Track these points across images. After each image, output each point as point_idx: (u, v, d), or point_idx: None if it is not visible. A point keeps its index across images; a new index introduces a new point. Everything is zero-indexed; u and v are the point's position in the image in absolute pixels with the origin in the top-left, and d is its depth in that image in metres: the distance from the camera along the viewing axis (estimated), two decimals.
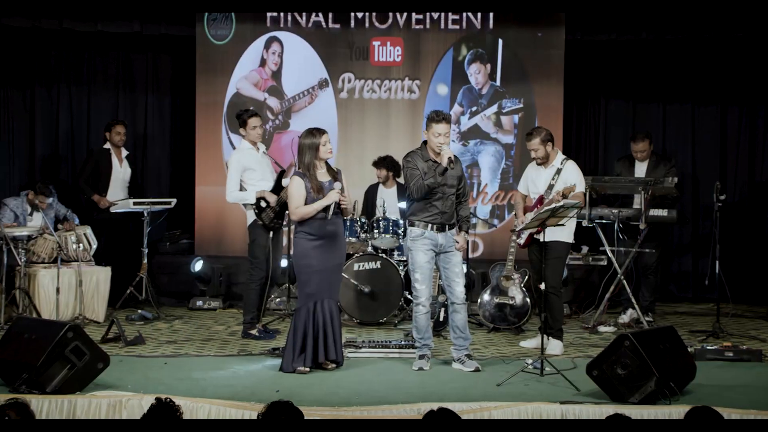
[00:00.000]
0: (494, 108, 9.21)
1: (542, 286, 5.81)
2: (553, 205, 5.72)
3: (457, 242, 5.91)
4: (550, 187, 6.36)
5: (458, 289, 5.87)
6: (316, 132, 5.63)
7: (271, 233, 6.87)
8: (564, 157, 6.50)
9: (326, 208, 5.55)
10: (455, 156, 5.93)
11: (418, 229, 5.82)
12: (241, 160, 6.88)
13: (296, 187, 5.60)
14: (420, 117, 9.09)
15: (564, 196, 6.01)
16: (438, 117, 5.73)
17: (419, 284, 5.81)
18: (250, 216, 6.93)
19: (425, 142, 5.86)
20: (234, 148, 9.25)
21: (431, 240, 5.82)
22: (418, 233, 5.83)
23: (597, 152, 9.36)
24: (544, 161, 6.45)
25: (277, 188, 6.88)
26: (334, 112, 9.22)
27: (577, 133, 9.45)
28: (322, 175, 5.67)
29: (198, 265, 8.60)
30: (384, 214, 7.86)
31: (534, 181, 6.55)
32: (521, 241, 6.56)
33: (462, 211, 5.98)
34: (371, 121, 9.26)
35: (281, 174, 6.96)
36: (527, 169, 6.70)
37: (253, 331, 6.78)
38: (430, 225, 5.80)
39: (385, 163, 8.33)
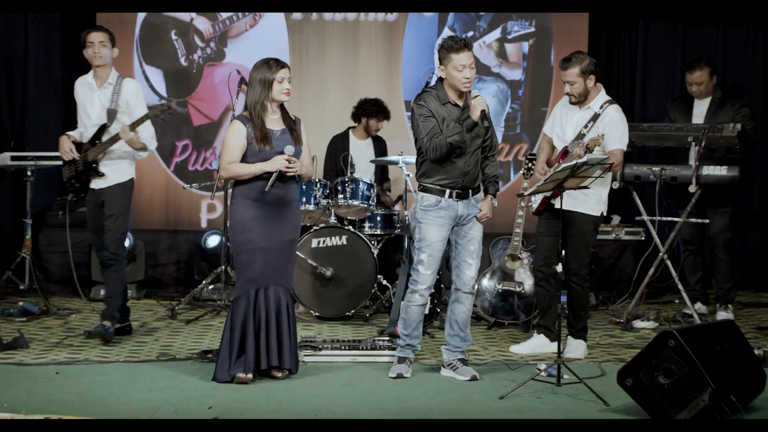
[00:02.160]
0: (497, 33, 9.23)
1: (559, 269, 5.83)
2: (572, 162, 5.70)
3: (481, 210, 5.90)
4: (580, 136, 6.33)
5: (468, 274, 5.88)
6: (273, 64, 5.58)
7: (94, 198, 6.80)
8: (607, 98, 6.42)
9: (269, 176, 5.52)
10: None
11: (432, 197, 5.79)
12: (77, 93, 6.91)
13: (232, 135, 5.55)
14: (398, 45, 9.06)
15: (588, 149, 5.99)
16: (457, 44, 5.66)
17: (424, 267, 5.81)
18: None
19: (441, 80, 5.82)
20: (150, 83, 9.21)
21: (449, 211, 5.80)
22: (431, 202, 5.79)
23: (633, 91, 9.55)
24: (581, 100, 6.42)
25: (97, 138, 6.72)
26: (285, 37, 9.20)
27: (607, 65, 9.55)
28: (273, 123, 5.64)
29: (213, 241, 8.67)
30: (353, 173, 7.97)
31: (563, 124, 6.52)
32: (533, 206, 6.59)
33: (489, 169, 5.95)
34: (334, 51, 9.28)
35: (139, 123, 6.70)
36: (557, 106, 6.66)
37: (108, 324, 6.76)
38: (448, 191, 5.78)
39: (382, 109, 8.39)
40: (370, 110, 8.37)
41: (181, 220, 9.48)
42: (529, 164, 7.21)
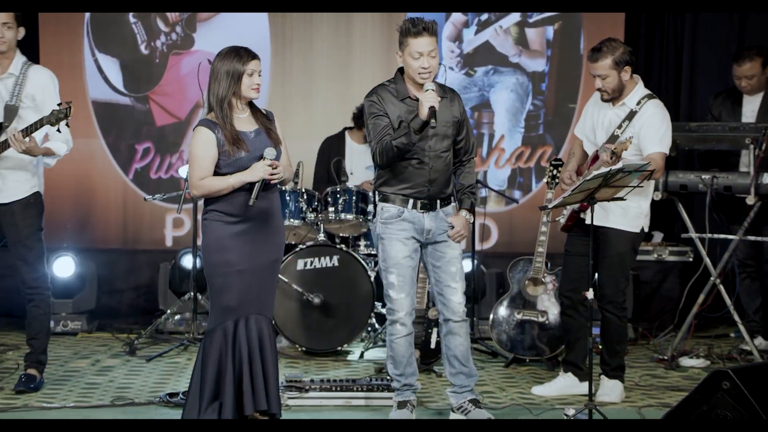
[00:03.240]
0: (515, 16, 9.27)
1: (590, 295, 5.81)
2: (603, 170, 5.68)
3: (452, 227, 5.91)
4: (613, 138, 6.30)
5: (454, 300, 5.88)
6: (243, 54, 5.54)
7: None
8: (646, 93, 6.39)
9: (250, 187, 5.46)
10: (450, 92, 5.89)
11: (392, 207, 5.83)
12: None
13: (200, 144, 5.47)
14: (393, 34, 9.03)
15: (615, 155, 5.94)
16: (415, 27, 5.66)
17: (395, 291, 5.82)
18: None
19: (401, 71, 5.85)
20: (104, 75, 9.20)
21: (412, 224, 5.83)
22: (392, 213, 5.83)
23: (678, 86, 9.52)
24: (615, 96, 6.42)
25: None
26: (265, 22, 9.18)
27: (647, 55, 9.56)
28: (244, 123, 5.60)
29: (188, 260, 8.54)
30: (345, 182, 7.96)
31: (594, 124, 6.53)
32: (561, 221, 6.59)
33: (463, 178, 6.00)
34: (323, 38, 9.27)
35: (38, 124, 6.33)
36: (588, 103, 6.66)
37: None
38: (412, 200, 5.82)
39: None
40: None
41: (141, 238, 9.41)
42: (554, 171, 7.18)
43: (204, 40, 9.24)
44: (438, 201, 5.86)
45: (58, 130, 6.22)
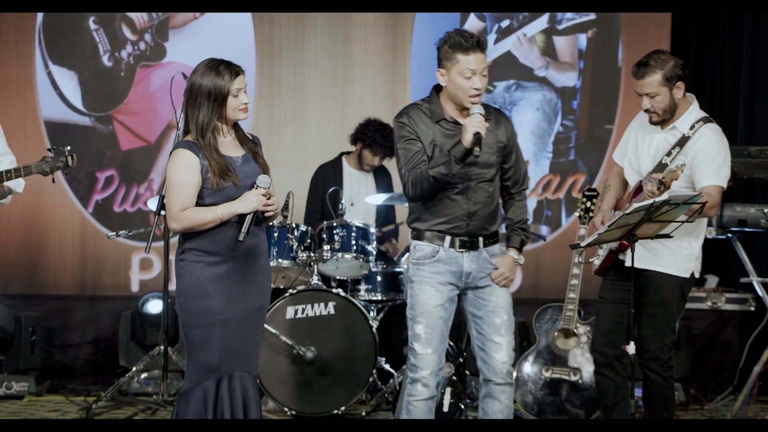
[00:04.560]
0: (542, 22, 9.51)
1: (630, 349, 5.92)
2: (646, 202, 5.76)
3: (497, 268, 5.94)
4: (661, 167, 6.29)
5: (498, 357, 5.91)
6: (224, 70, 5.55)
7: None
8: (701, 115, 6.37)
9: (240, 220, 5.55)
10: (496, 113, 5.91)
11: (427, 246, 5.88)
12: None
13: (181, 169, 5.50)
14: (406, 38, 9.21)
15: (663, 185, 6.02)
16: (467, 41, 5.70)
17: (421, 345, 5.85)
18: None
19: (438, 89, 5.91)
20: (59, 91, 9.35)
21: (449, 266, 5.87)
22: (426, 253, 5.89)
23: (735, 104, 9.60)
24: (666, 118, 6.44)
25: None
26: (249, 29, 9.34)
27: (699, 70, 9.67)
28: (229, 148, 5.63)
29: (155, 306, 8.61)
30: (343, 216, 7.96)
31: (638, 150, 6.52)
32: (595, 263, 6.59)
33: (512, 212, 6.08)
34: (318, 47, 9.45)
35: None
36: (632, 125, 6.65)
37: None
38: (449, 238, 5.88)
39: (385, 144, 8.29)
40: (370, 138, 8.36)
41: (102, 282, 9.45)
42: (588, 203, 7.26)
43: (178, 50, 9.42)
44: (480, 239, 5.89)
45: (53, 180, 6.15)
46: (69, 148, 6.09)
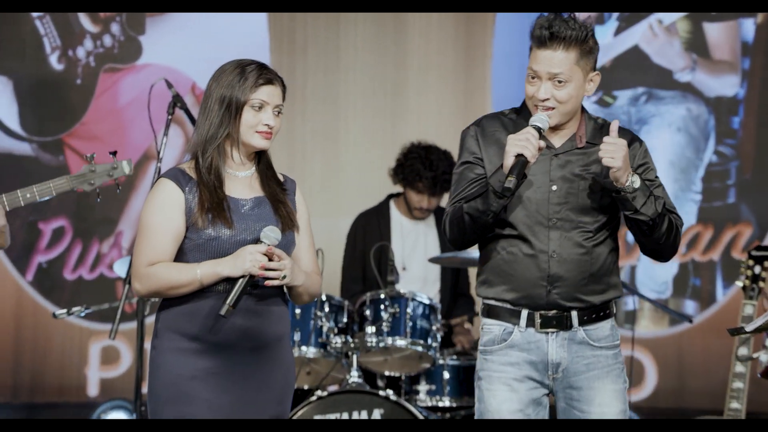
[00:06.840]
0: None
1: None
2: None
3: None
4: None
5: None
6: (251, 71, 5.61)
7: None
8: None
9: (227, 286, 5.41)
10: (625, 134, 5.49)
11: (495, 325, 5.73)
12: None
13: (158, 206, 5.46)
14: (483, 35, 9.08)
15: None
16: (540, 30, 5.55)
17: None
18: None
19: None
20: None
21: (529, 354, 5.69)
22: (493, 336, 5.74)
23: None
24: None
25: None
26: (263, 21, 9.21)
27: None
28: (239, 186, 5.56)
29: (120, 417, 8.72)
30: (395, 283, 7.79)
31: None
32: (763, 359, 6.60)
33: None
34: (358, 46, 9.26)
35: None
36: None
37: None
38: (523, 312, 5.72)
39: (432, 176, 8.31)
40: (409, 169, 8.35)
41: (45, 383, 9.37)
42: (756, 268, 7.13)
43: (158, 47, 9.36)
44: (574, 313, 5.71)
45: (98, 198, 5.91)
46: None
